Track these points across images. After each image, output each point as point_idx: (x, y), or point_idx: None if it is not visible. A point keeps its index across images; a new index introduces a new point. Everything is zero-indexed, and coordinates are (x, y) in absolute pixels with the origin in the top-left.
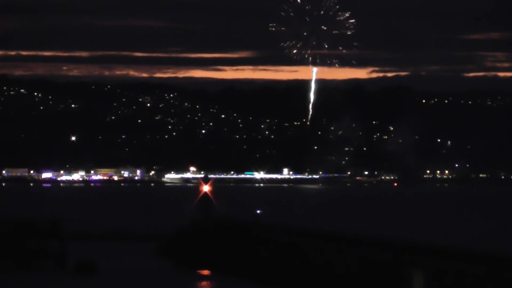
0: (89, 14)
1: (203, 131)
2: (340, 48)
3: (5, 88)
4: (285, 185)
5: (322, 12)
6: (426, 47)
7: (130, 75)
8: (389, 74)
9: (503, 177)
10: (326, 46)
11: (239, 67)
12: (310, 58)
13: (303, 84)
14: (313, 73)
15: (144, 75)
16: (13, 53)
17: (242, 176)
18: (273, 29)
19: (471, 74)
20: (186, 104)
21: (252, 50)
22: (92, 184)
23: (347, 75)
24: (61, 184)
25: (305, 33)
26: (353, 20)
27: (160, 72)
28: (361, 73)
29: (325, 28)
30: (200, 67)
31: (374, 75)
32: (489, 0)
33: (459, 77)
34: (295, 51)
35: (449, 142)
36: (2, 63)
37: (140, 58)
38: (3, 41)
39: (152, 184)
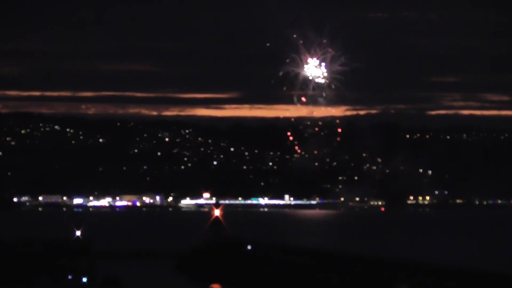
0: (94, 59)
1: (215, 163)
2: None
3: (41, 124)
4: (287, 209)
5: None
6: (391, 88)
7: (142, 113)
8: (361, 112)
9: (477, 202)
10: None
11: (238, 106)
12: (295, 98)
13: (297, 121)
14: (291, 117)
15: (154, 113)
16: (37, 93)
17: (249, 201)
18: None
19: (433, 112)
20: (199, 139)
21: (247, 91)
22: (117, 209)
23: (326, 113)
24: (90, 209)
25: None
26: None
27: (168, 110)
28: (337, 111)
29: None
30: (201, 106)
31: (348, 113)
32: (447, 46)
33: (423, 115)
34: (284, 88)
35: (429, 171)
36: (28, 102)
37: (145, 98)
38: (27, 83)
39: (170, 209)
